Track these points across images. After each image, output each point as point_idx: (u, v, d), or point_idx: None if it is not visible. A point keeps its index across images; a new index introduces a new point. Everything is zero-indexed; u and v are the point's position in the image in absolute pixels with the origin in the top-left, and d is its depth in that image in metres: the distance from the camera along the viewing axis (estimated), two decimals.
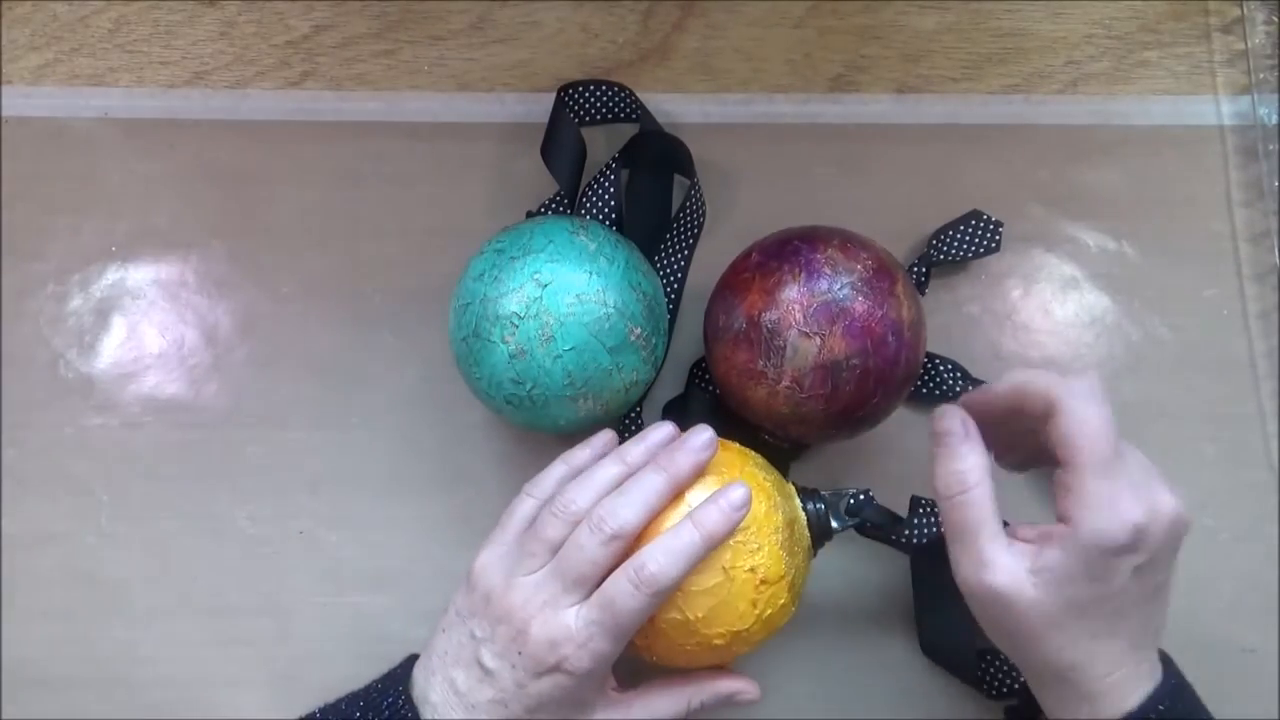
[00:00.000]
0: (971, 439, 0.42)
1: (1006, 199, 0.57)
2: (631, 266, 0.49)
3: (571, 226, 0.49)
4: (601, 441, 0.47)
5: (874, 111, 0.59)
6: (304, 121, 0.58)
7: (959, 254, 0.55)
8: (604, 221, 0.54)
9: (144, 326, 0.56)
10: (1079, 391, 0.40)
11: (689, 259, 0.56)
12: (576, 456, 0.46)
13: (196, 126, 0.58)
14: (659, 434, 0.45)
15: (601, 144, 0.58)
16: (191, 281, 0.57)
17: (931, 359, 0.54)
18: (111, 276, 0.57)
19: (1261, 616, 0.53)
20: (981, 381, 0.54)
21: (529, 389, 0.47)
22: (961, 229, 0.56)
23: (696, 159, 0.55)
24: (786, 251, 0.47)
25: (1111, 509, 0.39)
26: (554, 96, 0.56)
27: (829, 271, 0.46)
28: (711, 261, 0.52)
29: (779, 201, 0.57)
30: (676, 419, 0.49)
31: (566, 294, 0.46)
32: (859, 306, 0.46)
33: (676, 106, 0.58)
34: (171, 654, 0.52)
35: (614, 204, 0.54)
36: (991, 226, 0.56)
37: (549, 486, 0.45)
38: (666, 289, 0.55)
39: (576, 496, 0.43)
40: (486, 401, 0.49)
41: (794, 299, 0.46)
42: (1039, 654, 0.41)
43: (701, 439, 0.43)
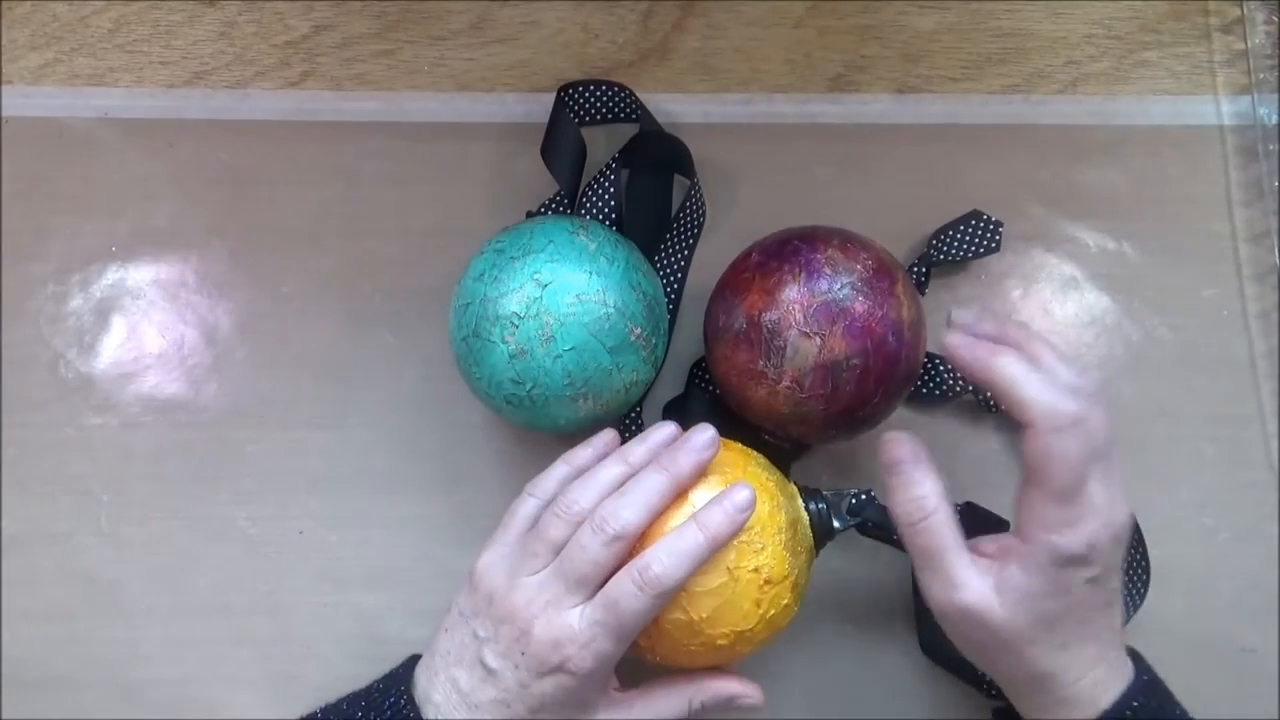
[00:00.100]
0: (923, 464, 0.43)
1: (1006, 199, 0.57)
2: (631, 266, 0.49)
3: (571, 226, 0.49)
4: (603, 441, 0.47)
5: (874, 111, 0.59)
6: (304, 121, 0.58)
7: (959, 254, 0.55)
8: (604, 221, 0.54)
9: (144, 326, 0.56)
10: (1059, 422, 0.40)
11: (689, 259, 0.56)
12: (578, 456, 0.46)
13: (196, 126, 0.58)
14: (661, 434, 0.45)
15: (601, 144, 0.58)
16: (191, 281, 0.57)
17: (931, 359, 0.54)
18: (111, 276, 0.56)
19: (1261, 616, 0.53)
20: None
21: (529, 389, 0.47)
22: (961, 229, 0.56)
23: (696, 159, 0.55)
24: (786, 251, 0.47)
25: (1068, 532, 0.40)
26: (554, 96, 0.56)
27: (829, 271, 0.46)
28: (711, 261, 0.52)
29: (779, 201, 0.57)
30: (677, 419, 0.49)
31: (566, 294, 0.46)
32: (859, 306, 0.46)
33: (676, 106, 0.58)
34: (171, 654, 0.52)
35: (614, 204, 0.54)
36: (991, 226, 0.56)
37: (551, 487, 0.45)
38: (666, 289, 0.55)
39: (579, 497, 0.43)
40: (486, 401, 0.49)
41: (794, 299, 0.46)
42: (1013, 666, 0.43)
43: (703, 438, 0.43)
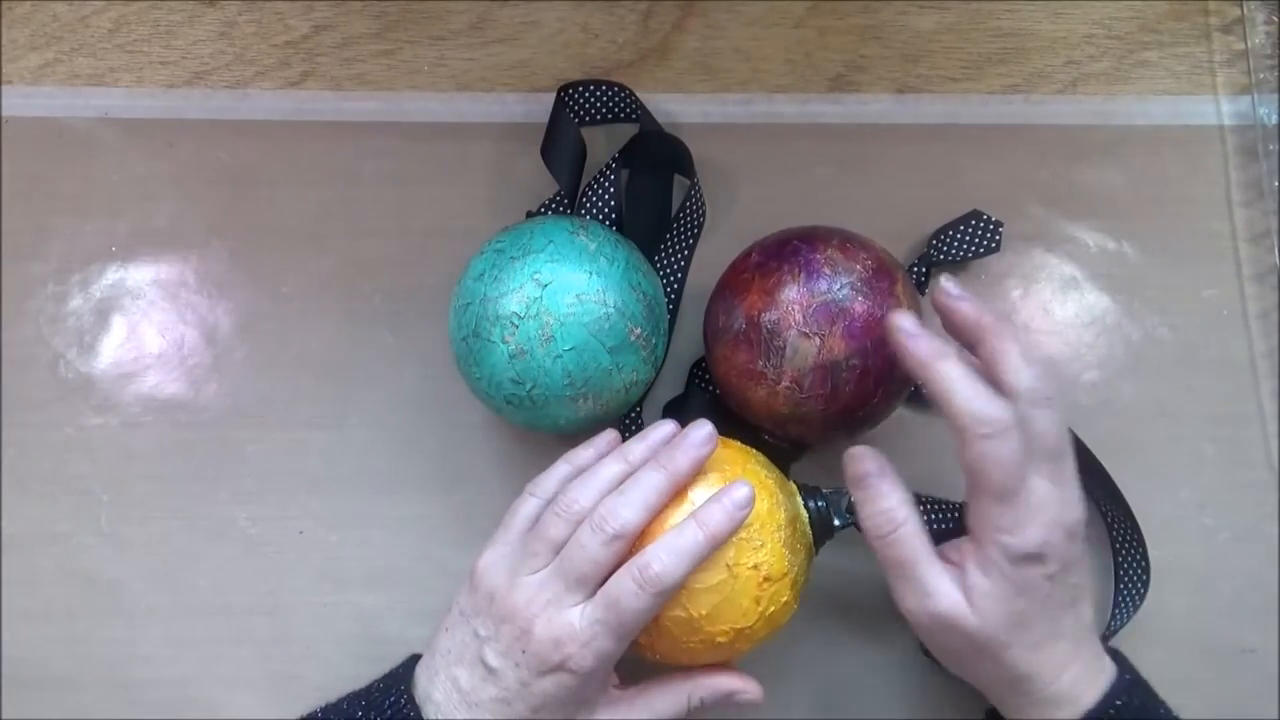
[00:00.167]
0: (889, 476, 0.44)
1: (1006, 199, 0.57)
2: (631, 266, 0.49)
3: (571, 226, 0.49)
4: (605, 441, 0.47)
5: (874, 111, 0.59)
6: (304, 121, 0.58)
7: (959, 254, 0.55)
8: (604, 221, 0.54)
9: (144, 326, 0.56)
10: (984, 430, 0.40)
11: (689, 259, 0.56)
12: (580, 456, 0.47)
13: (196, 126, 0.58)
14: (661, 432, 0.45)
15: (601, 144, 0.58)
16: (191, 281, 0.57)
17: None
18: (111, 276, 0.56)
19: (1261, 616, 0.53)
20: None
21: (529, 389, 0.47)
22: (961, 229, 0.56)
23: (696, 159, 0.55)
24: (786, 251, 0.47)
25: (1017, 531, 0.41)
26: (554, 96, 0.56)
27: (829, 272, 0.46)
28: (711, 261, 0.52)
29: (779, 201, 0.57)
30: (676, 419, 0.49)
31: (566, 294, 0.46)
32: (859, 306, 0.46)
33: (676, 106, 0.58)
34: (171, 654, 0.52)
35: (614, 204, 0.54)
36: (991, 226, 0.56)
37: (551, 486, 0.45)
38: (666, 289, 0.55)
39: (579, 496, 0.43)
40: (486, 401, 0.49)
41: (794, 299, 0.46)
42: (991, 672, 0.43)
43: (700, 434, 0.43)
